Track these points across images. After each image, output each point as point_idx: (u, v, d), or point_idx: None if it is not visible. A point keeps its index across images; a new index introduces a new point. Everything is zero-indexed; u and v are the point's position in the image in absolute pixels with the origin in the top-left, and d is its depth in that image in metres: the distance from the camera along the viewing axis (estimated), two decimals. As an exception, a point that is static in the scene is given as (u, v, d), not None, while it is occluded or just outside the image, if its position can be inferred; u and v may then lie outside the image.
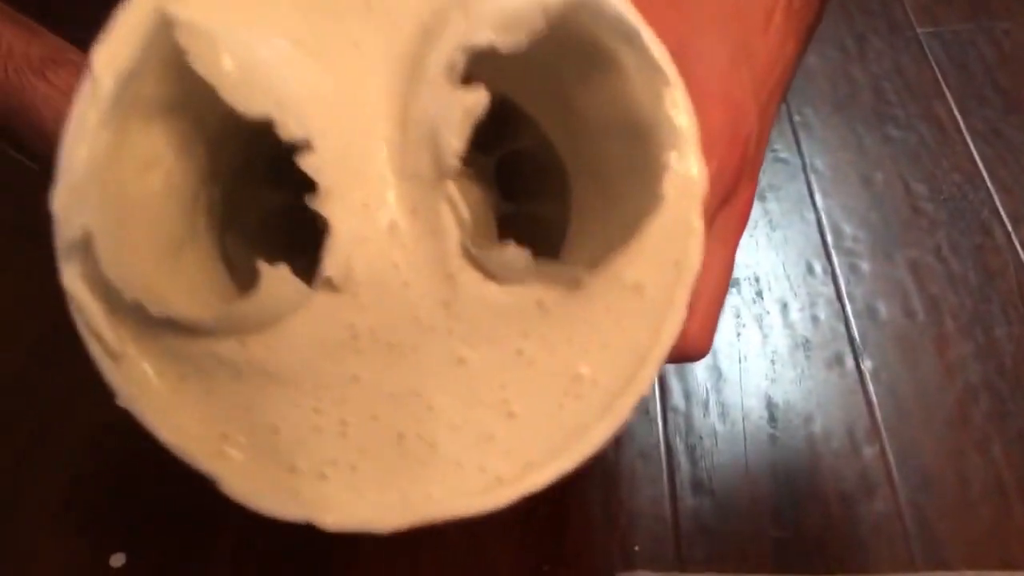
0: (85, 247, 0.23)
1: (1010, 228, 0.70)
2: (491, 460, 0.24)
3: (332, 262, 0.22)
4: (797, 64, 0.36)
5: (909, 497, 0.56)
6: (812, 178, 0.76)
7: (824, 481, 0.57)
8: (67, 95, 0.39)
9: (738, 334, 0.65)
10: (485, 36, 0.21)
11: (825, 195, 0.74)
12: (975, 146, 0.77)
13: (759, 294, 0.68)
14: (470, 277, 0.23)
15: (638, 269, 0.23)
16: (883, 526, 0.54)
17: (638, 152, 0.22)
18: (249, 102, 0.21)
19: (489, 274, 0.23)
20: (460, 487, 0.24)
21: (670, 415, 0.61)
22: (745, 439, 0.59)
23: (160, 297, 0.23)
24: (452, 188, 0.22)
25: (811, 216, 0.73)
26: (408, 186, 0.23)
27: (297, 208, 0.23)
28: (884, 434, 0.59)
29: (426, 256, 0.23)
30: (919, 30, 0.88)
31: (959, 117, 0.79)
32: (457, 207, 0.23)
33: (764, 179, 0.76)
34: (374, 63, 0.23)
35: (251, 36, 0.22)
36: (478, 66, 0.22)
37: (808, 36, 0.36)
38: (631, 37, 0.22)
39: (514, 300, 0.23)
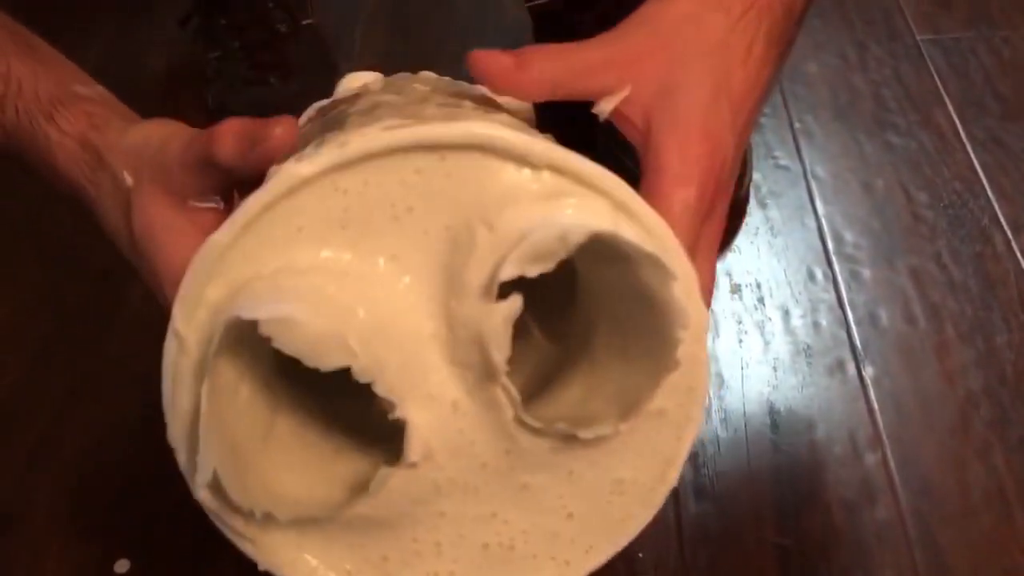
0: (217, 483, 0.30)
1: (1010, 236, 0.71)
2: (559, 550, 0.30)
3: (414, 449, 0.29)
4: (773, 85, 0.39)
5: (911, 504, 0.56)
6: (813, 185, 0.76)
7: (826, 488, 0.57)
8: (76, 140, 0.42)
9: (740, 341, 0.65)
10: (514, 270, 0.26)
11: (826, 202, 0.75)
12: (975, 154, 0.77)
13: (760, 300, 0.68)
14: (525, 436, 0.29)
15: (659, 399, 0.29)
16: (885, 533, 0.55)
17: (652, 320, 0.27)
18: (326, 361, 0.27)
19: (539, 446, 0.29)
20: (537, 574, 0.30)
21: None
22: (747, 446, 0.59)
23: (280, 498, 0.29)
24: (504, 379, 0.28)
25: (812, 223, 0.73)
26: (461, 372, 0.29)
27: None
28: (886, 441, 0.59)
29: (486, 422, 0.29)
30: (919, 38, 0.89)
31: (959, 125, 0.80)
32: (509, 391, 0.28)
33: (765, 186, 0.76)
34: (415, 274, 0.28)
35: (308, 280, 0.28)
36: None
37: (783, 60, 0.39)
38: (652, 260, 0.27)
39: (560, 472, 0.30)
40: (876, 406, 0.61)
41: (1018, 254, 0.70)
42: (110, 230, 0.43)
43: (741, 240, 0.72)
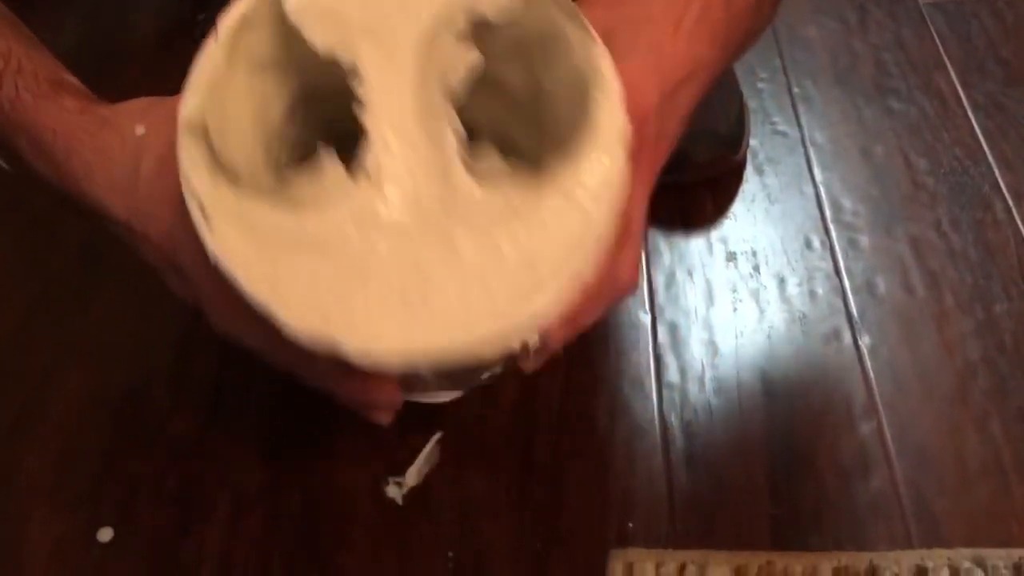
0: (201, 131, 0.34)
1: (1011, 203, 0.69)
2: (477, 301, 0.33)
3: (370, 158, 0.33)
4: (718, 63, 0.45)
5: (906, 474, 0.55)
6: (811, 151, 0.75)
7: (820, 457, 0.56)
8: (77, 112, 0.46)
9: (735, 309, 0.64)
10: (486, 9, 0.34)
11: (824, 169, 0.73)
12: (976, 119, 0.76)
13: (756, 268, 0.67)
14: (462, 179, 0.34)
15: (583, 186, 0.34)
16: (880, 503, 0.54)
17: (581, 104, 0.34)
18: (324, 41, 0.34)
19: (479, 180, 0.35)
20: (453, 321, 0.33)
21: (665, 391, 0.60)
22: (741, 414, 0.59)
23: (249, 164, 0.34)
24: (453, 114, 0.34)
25: (810, 190, 0.72)
26: (424, 116, 0.34)
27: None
28: (882, 410, 0.58)
29: (432, 162, 0.34)
30: (921, 1, 0.87)
31: (960, 90, 0.78)
32: (456, 127, 0.34)
33: (762, 152, 0.75)
34: (406, 33, 0.34)
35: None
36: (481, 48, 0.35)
37: (729, 43, 0.45)
38: (573, 15, 0.34)
39: (494, 202, 0.35)
40: (872, 375, 0.60)
41: (1019, 222, 0.68)
42: (108, 183, 0.45)
43: (737, 207, 0.71)
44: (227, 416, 0.60)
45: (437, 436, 0.57)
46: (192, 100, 0.34)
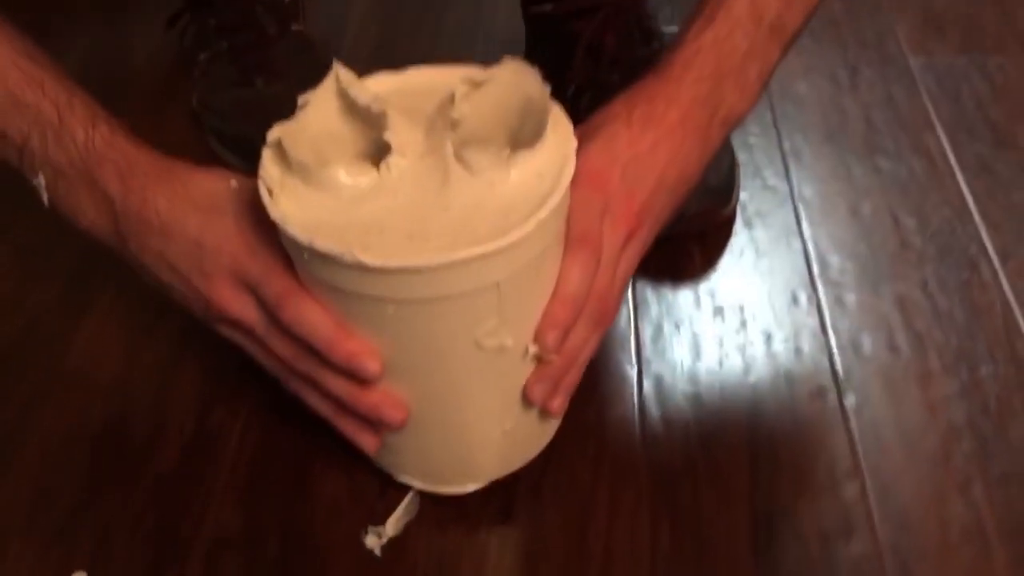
0: (277, 145, 0.49)
1: (997, 265, 0.70)
2: (465, 236, 0.46)
3: (390, 159, 0.49)
4: (679, 145, 0.55)
5: (889, 539, 0.55)
6: (800, 207, 0.75)
7: (803, 519, 0.56)
8: (167, 161, 0.55)
9: (721, 363, 0.64)
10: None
11: (813, 224, 0.74)
12: (965, 180, 0.76)
13: (743, 323, 0.67)
14: (456, 170, 0.48)
15: (540, 165, 0.49)
16: (863, 567, 0.53)
17: (539, 129, 0.49)
18: (374, 111, 0.49)
19: (467, 168, 0.49)
20: (448, 247, 0.45)
21: (649, 444, 0.60)
22: (725, 471, 0.58)
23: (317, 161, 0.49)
24: (450, 132, 0.49)
25: (798, 245, 0.72)
26: (429, 133, 0.50)
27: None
28: (865, 472, 0.58)
29: (433, 163, 0.49)
30: (912, 61, 0.88)
31: (949, 150, 0.79)
32: (452, 140, 0.49)
33: (752, 206, 0.75)
34: (424, 98, 0.51)
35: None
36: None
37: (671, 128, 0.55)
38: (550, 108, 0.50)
39: (478, 180, 0.49)
40: (856, 436, 0.60)
41: (1005, 284, 0.69)
42: (185, 208, 0.53)
43: (726, 260, 0.71)
44: (207, 457, 0.60)
45: (421, 486, 0.57)
46: (276, 131, 0.49)
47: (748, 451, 0.59)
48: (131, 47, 0.93)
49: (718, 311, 0.68)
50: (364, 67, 0.88)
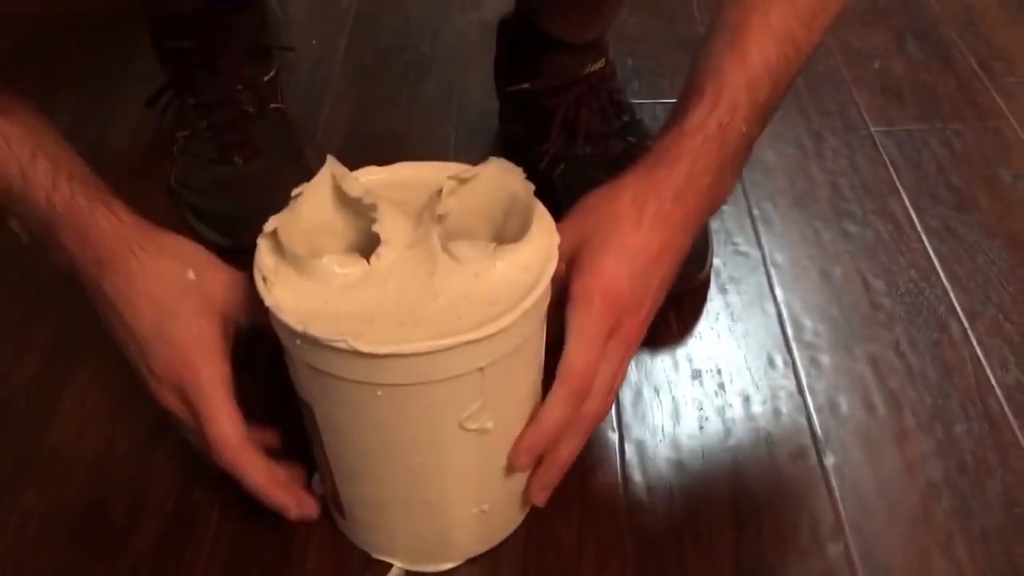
0: (272, 237, 0.51)
1: (966, 325, 0.72)
2: (454, 323, 0.47)
3: (380, 250, 0.50)
4: (684, 238, 0.55)
5: (874, 598, 0.55)
6: (772, 271, 0.77)
7: (789, 581, 0.56)
8: (133, 228, 0.54)
9: (700, 427, 0.65)
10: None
11: (785, 288, 0.75)
12: (929, 243, 0.79)
13: (721, 386, 0.68)
14: (444, 260, 0.50)
15: (525, 259, 0.50)
16: (849, 628, 0.54)
17: (525, 226, 0.51)
18: (365, 203, 0.52)
19: (454, 259, 0.50)
20: (437, 334, 0.47)
21: (633, 510, 0.60)
22: (709, 536, 0.58)
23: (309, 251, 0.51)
24: (438, 226, 0.51)
25: (772, 309, 0.73)
26: (417, 226, 0.52)
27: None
28: (848, 531, 0.58)
29: (421, 254, 0.51)
30: (873, 129, 0.91)
31: (913, 214, 0.81)
32: (439, 233, 0.51)
33: (725, 272, 0.77)
34: (413, 194, 0.54)
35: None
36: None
37: (689, 225, 0.55)
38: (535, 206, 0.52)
39: (464, 270, 0.50)
40: (838, 495, 0.60)
41: (974, 343, 0.70)
42: (143, 301, 0.53)
43: (702, 325, 0.72)
44: (187, 536, 0.59)
45: (401, 565, 0.57)
46: (272, 223, 0.51)
47: (732, 514, 0.60)
48: (111, 124, 0.94)
49: (696, 375, 0.68)
50: (341, 140, 0.90)
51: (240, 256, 0.58)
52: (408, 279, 0.50)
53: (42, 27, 1.04)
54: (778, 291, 0.75)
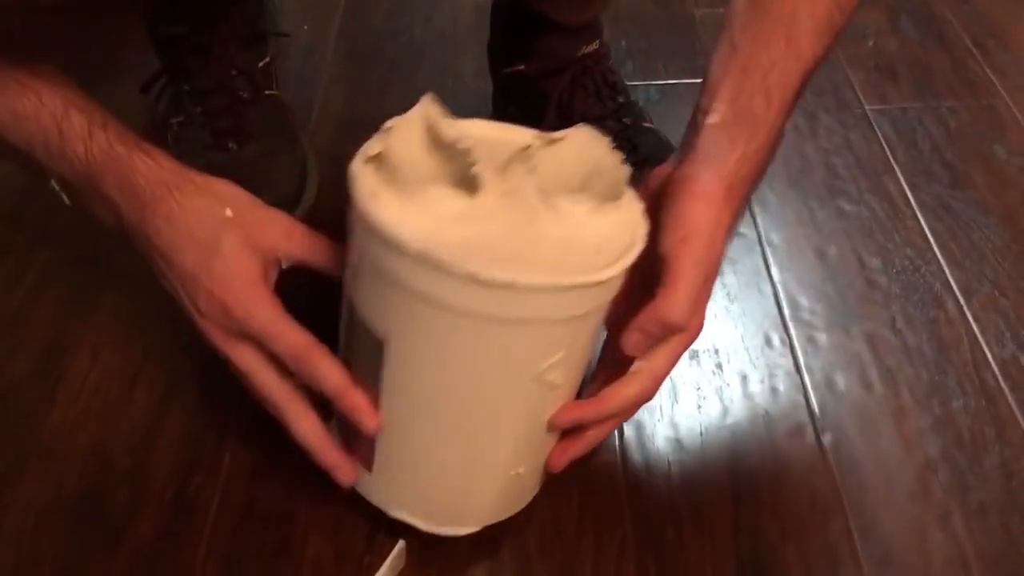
0: (375, 159, 0.49)
1: (962, 301, 0.72)
2: (562, 267, 0.47)
3: (485, 196, 0.48)
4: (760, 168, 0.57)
5: (873, 572, 0.55)
6: (768, 252, 0.77)
7: (789, 557, 0.56)
8: (169, 173, 0.54)
9: (699, 407, 0.65)
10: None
11: (781, 268, 0.75)
12: (925, 220, 0.79)
13: (719, 366, 0.68)
14: (545, 209, 0.48)
15: (623, 219, 0.50)
16: (848, 603, 0.54)
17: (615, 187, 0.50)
18: (460, 146, 0.49)
19: (554, 208, 0.49)
20: (550, 271, 0.46)
21: (632, 490, 0.60)
22: (709, 514, 0.59)
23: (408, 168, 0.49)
24: (532, 178, 0.49)
25: (768, 289, 0.73)
26: (510, 187, 0.49)
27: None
28: (847, 508, 0.59)
29: (519, 203, 0.48)
30: (868, 108, 0.91)
31: (909, 192, 0.81)
32: (534, 185, 0.49)
33: (721, 252, 0.76)
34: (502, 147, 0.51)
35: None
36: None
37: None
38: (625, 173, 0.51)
39: (567, 221, 0.49)
40: (836, 472, 0.61)
41: (970, 319, 0.70)
42: (186, 241, 0.53)
43: (698, 306, 0.72)
44: (187, 524, 0.59)
45: (403, 542, 0.57)
46: (376, 145, 0.49)
47: (731, 492, 0.60)
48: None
49: (694, 355, 0.69)
50: (334, 125, 0.90)
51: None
52: (509, 223, 0.48)
53: (32, 15, 1.04)
54: (774, 271, 0.75)
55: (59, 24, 1.03)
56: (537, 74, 0.80)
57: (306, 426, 0.53)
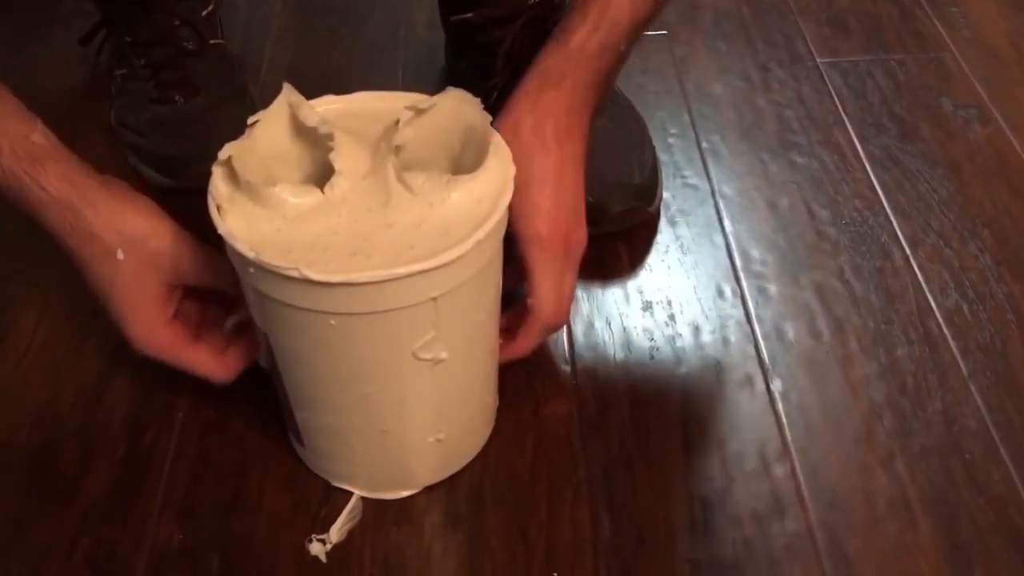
0: (227, 165, 0.50)
1: (908, 252, 0.73)
2: (406, 254, 0.48)
3: (334, 181, 0.50)
4: (582, 151, 0.60)
5: (819, 516, 0.57)
6: (721, 203, 0.77)
7: (737, 502, 0.57)
8: (64, 206, 0.53)
9: (651, 356, 0.66)
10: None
11: (733, 220, 0.76)
12: (873, 173, 0.80)
13: (671, 317, 0.68)
14: (398, 191, 0.50)
15: (480, 190, 0.50)
16: (795, 545, 0.55)
17: (480, 156, 0.52)
18: (314, 122, 0.52)
19: (408, 189, 0.50)
20: (393, 261, 0.47)
21: (586, 439, 0.61)
22: (661, 462, 0.60)
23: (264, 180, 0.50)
24: (393, 157, 0.51)
25: (720, 240, 0.74)
26: (373, 156, 0.52)
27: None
28: (794, 454, 0.60)
29: (376, 184, 0.51)
30: (819, 61, 0.91)
31: (858, 144, 0.82)
32: (394, 163, 0.51)
33: (674, 204, 0.77)
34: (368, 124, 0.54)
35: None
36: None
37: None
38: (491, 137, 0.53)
39: (419, 201, 0.50)
40: (784, 419, 0.62)
41: (916, 269, 0.72)
42: (87, 277, 0.56)
43: (652, 258, 0.73)
44: (141, 478, 0.59)
45: (359, 493, 0.57)
46: (226, 150, 0.50)
47: (682, 440, 0.61)
48: (44, 63, 0.91)
49: (647, 306, 0.69)
50: (284, 77, 0.88)
51: (184, 197, 0.57)
52: (362, 209, 0.50)
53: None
54: (726, 223, 0.76)
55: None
56: (486, 22, 0.78)
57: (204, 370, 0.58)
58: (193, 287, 0.57)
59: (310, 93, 0.55)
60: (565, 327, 0.67)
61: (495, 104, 0.78)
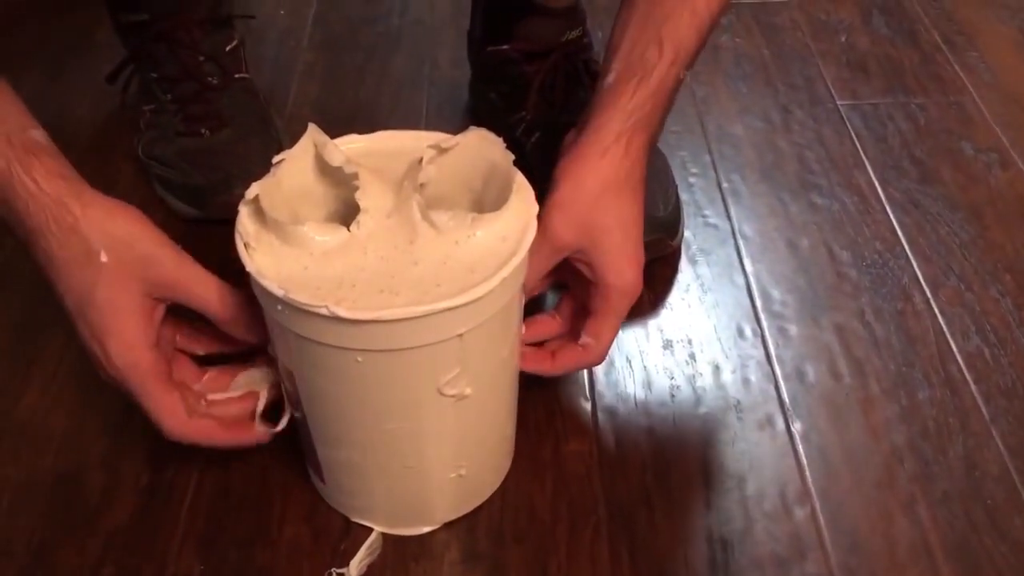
0: (254, 204, 0.51)
1: (929, 294, 0.73)
2: (432, 292, 0.48)
3: (360, 219, 0.51)
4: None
5: (840, 560, 0.56)
6: (741, 243, 0.78)
7: (758, 544, 0.57)
8: (53, 200, 0.51)
9: (672, 396, 0.66)
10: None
11: (754, 260, 0.76)
12: (894, 215, 0.80)
13: (692, 356, 0.69)
14: (424, 229, 0.51)
15: (504, 228, 0.51)
16: (816, 588, 0.55)
17: (503, 195, 0.52)
18: (346, 171, 0.53)
19: (434, 227, 0.51)
20: (416, 301, 0.48)
21: (606, 479, 0.61)
22: (681, 502, 0.60)
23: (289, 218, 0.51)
24: (418, 195, 0.52)
25: (740, 280, 0.75)
26: (397, 194, 0.53)
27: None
28: (815, 496, 0.60)
29: (401, 223, 0.52)
30: (839, 103, 0.92)
31: (878, 186, 0.83)
32: (419, 201, 0.52)
33: (695, 243, 0.77)
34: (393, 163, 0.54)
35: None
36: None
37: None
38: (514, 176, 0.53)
39: (444, 239, 0.51)
40: (804, 461, 0.62)
41: (937, 312, 0.72)
42: (63, 283, 0.53)
43: (673, 296, 0.73)
44: (164, 507, 0.59)
45: (380, 528, 0.57)
46: (253, 189, 0.51)
47: (702, 480, 0.61)
48: (74, 96, 0.92)
49: (667, 345, 0.69)
50: (310, 112, 0.90)
51: (210, 226, 0.58)
52: (388, 247, 0.50)
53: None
54: (747, 262, 0.76)
55: (26, 7, 1.02)
56: (519, 57, 0.80)
57: (205, 440, 0.56)
58: (171, 320, 0.56)
59: (336, 128, 0.56)
60: (586, 364, 0.68)
61: (521, 137, 0.79)
